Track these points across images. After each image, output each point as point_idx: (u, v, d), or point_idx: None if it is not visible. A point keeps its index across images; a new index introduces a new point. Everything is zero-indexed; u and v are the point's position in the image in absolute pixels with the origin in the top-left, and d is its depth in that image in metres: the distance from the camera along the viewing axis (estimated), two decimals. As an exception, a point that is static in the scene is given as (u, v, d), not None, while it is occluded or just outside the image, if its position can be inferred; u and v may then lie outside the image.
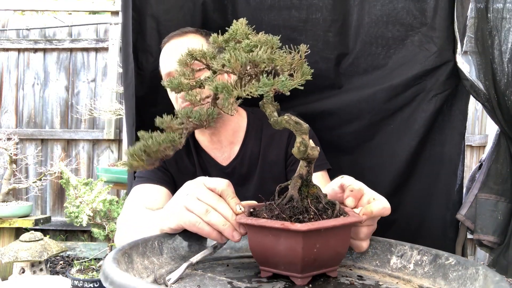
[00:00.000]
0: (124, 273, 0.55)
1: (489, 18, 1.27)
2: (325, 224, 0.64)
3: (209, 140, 1.25)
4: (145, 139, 0.63)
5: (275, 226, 0.63)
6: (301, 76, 0.63)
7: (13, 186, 2.86)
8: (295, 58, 0.65)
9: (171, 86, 0.69)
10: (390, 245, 0.80)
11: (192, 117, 0.65)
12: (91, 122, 3.83)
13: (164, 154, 0.63)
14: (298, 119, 0.68)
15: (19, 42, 3.83)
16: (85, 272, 2.67)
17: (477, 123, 3.76)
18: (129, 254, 0.68)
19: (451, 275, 0.68)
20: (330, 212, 0.68)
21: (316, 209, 0.68)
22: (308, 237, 0.62)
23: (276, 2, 1.38)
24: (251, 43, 0.66)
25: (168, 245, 0.79)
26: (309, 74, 0.64)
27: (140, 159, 0.62)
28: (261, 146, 1.24)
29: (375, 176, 1.41)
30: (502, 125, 1.33)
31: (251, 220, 0.67)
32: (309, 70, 0.65)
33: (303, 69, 0.64)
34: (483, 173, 1.42)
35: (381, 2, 1.35)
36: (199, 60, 0.71)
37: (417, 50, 1.36)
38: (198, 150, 1.27)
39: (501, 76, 1.26)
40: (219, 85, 0.62)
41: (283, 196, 0.71)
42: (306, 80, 0.63)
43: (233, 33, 0.70)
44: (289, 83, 0.61)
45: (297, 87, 0.62)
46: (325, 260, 0.67)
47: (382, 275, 0.76)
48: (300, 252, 0.62)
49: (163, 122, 0.65)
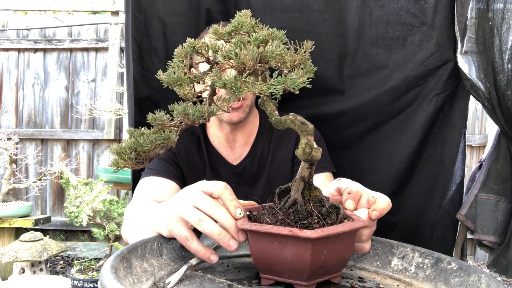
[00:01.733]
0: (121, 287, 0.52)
1: (489, 18, 1.26)
2: (334, 231, 0.61)
3: (225, 138, 1.25)
4: (136, 137, 0.58)
5: (283, 233, 0.60)
6: (305, 73, 0.60)
7: (13, 186, 2.86)
8: (301, 55, 0.62)
9: (168, 80, 0.64)
10: (392, 246, 0.79)
11: (190, 114, 0.60)
12: (91, 122, 3.83)
13: (155, 153, 0.59)
14: (303, 119, 0.66)
15: (19, 42, 3.83)
16: (85, 272, 2.67)
17: (477, 123, 3.75)
18: (128, 259, 0.67)
19: (452, 281, 0.67)
20: (334, 216, 0.66)
21: (319, 213, 0.65)
22: (317, 244, 0.59)
23: (278, 4, 1.38)
24: (260, 37, 0.61)
25: (168, 245, 0.78)
26: (312, 71, 0.61)
27: (128, 158, 0.57)
28: (271, 147, 1.25)
29: (376, 177, 1.41)
30: (502, 125, 1.33)
31: (255, 226, 0.63)
32: (312, 68, 0.62)
33: (307, 66, 0.61)
34: (483, 173, 1.42)
35: (381, 3, 1.35)
36: (199, 53, 0.67)
37: (417, 49, 1.36)
38: (208, 148, 1.27)
39: (501, 76, 1.25)
40: (227, 81, 0.57)
41: (285, 200, 0.68)
42: (310, 81, 0.61)
43: (238, 26, 0.66)
44: (299, 81, 0.58)
45: (306, 86, 0.59)
46: (331, 266, 0.65)
47: (383, 277, 0.76)
48: (308, 259, 0.60)
49: (156, 119, 0.61)
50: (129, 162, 0.58)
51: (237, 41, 0.61)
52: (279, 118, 0.66)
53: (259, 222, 0.66)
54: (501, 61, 1.26)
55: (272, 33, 0.63)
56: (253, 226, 0.64)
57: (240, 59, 0.59)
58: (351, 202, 0.73)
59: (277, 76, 0.60)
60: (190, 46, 0.67)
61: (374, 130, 1.43)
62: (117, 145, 0.59)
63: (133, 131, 0.59)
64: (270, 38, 0.62)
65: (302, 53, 0.63)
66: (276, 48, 0.59)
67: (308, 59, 0.63)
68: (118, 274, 0.60)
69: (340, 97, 1.44)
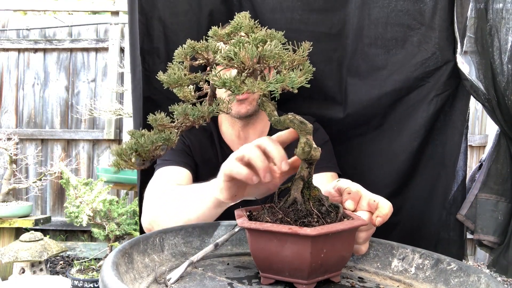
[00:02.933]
0: (122, 285, 0.53)
1: (489, 18, 1.26)
2: (333, 228, 0.61)
3: (236, 135, 1.27)
4: (137, 137, 0.59)
5: (282, 230, 0.60)
6: (303, 73, 0.61)
7: (13, 186, 2.86)
8: (299, 55, 0.63)
9: (168, 80, 0.65)
10: (392, 247, 0.79)
11: (191, 115, 0.61)
12: (91, 122, 3.83)
13: (155, 153, 0.60)
14: (303, 119, 0.66)
15: (19, 42, 3.83)
16: (85, 272, 2.67)
17: (477, 123, 3.76)
18: (130, 254, 0.68)
19: (452, 281, 0.68)
20: (333, 215, 0.66)
21: (319, 212, 0.66)
22: (316, 241, 0.60)
23: (278, 5, 1.39)
24: (259, 37, 0.62)
25: (169, 241, 0.79)
26: (311, 72, 0.62)
27: (129, 159, 0.58)
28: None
29: (377, 177, 1.41)
30: (502, 125, 1.33)
31: (254, 224, 0.64)
32: (311, 68, 0.62)
33: (305, 66, 0.62)
34: (483, 173, 1.42)
35: (380, 4, 1.35)
36: (199, 54, 0.67)
37: (417, 50, 1.36)
38: (221, 144, 1.29)
39: (501, 76, 1.26)
40: (227, 80, 0.58)
41: (285, 199, 0.69)
42: (309, 81, 0.62)
43: (237, 26, 0.67)
44: (297, 80, 0.59)
45: (304, 85, 0.60)
46: (331, 265, 0.65)
47: (383, 278, 0.76)
48: (308, 257, 0.60)
49: (156, 120, 0.62)
50: (130, 163, 0.59)
51: (236, 41, 0.62)
52: (278, 118, 0.67)
53: (259, 221, 0.66)
54: (500, 61, 1.26)
55: (270, 33, 0.64)
56: (253, 224, 0.64)
57: (240, 58, 0.59)
58: (351, 202, 0.74)
59: (275, 75, 0.60)
60: (190, 47, 0.67)
61: (374, 130, 1.43)
62: (117, 146, 0.59)
63: (134, 132, 0.60)
64: (268, 38, 0.62)
65: (300, 53, 0.64)
66: (274, 47, 0.59)
67: (306, 59, 0.64)
68: (119, 269, 0.61)
69: (340, 97, 1.44)
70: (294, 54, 0.63)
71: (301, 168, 0.70)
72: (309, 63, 0.64)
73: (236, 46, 0.61)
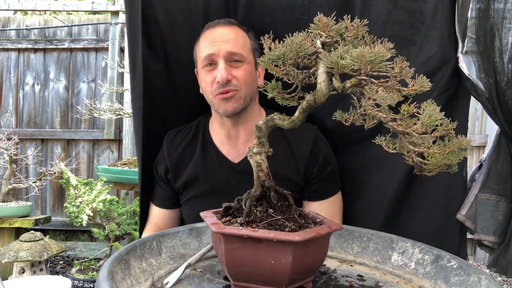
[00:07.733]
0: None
1: (489, 18, 1.26)
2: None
3: (226, 135, 1.28)
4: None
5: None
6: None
7: (13, 186, 2.86)
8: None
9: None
10: (392, 241, 0.79)
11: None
12: (91, 122, 3.83)
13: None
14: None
15: (19, 42, 3.83)
16: (85, 272, 2.67)
17: (477, 123, 3.75)
18: (126, 260, 0.67)
19: (452, 279, 0.67)
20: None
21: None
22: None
23: (278, 4, 1.38)
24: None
25: (167, 244, 0.78)
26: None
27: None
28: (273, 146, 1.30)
29: (379, 177, 1.40)
30: (502, 125, 1.32)
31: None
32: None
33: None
34: (483, 173, 1.42)
35: (381, 2, 1.35)
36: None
37: (418, 50, 1.35)
38: (207, 144, 1.30)
39: (501, 76, 1.25)
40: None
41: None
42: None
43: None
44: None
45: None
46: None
47: (383, 273, 0.76)
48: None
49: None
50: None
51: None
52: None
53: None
54: (501, 61, 1.25)
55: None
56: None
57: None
58: None
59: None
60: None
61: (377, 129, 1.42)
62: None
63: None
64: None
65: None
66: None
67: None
68: (115, 278, 0.60)
69: (340, 97, 1.43)
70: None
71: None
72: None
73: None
